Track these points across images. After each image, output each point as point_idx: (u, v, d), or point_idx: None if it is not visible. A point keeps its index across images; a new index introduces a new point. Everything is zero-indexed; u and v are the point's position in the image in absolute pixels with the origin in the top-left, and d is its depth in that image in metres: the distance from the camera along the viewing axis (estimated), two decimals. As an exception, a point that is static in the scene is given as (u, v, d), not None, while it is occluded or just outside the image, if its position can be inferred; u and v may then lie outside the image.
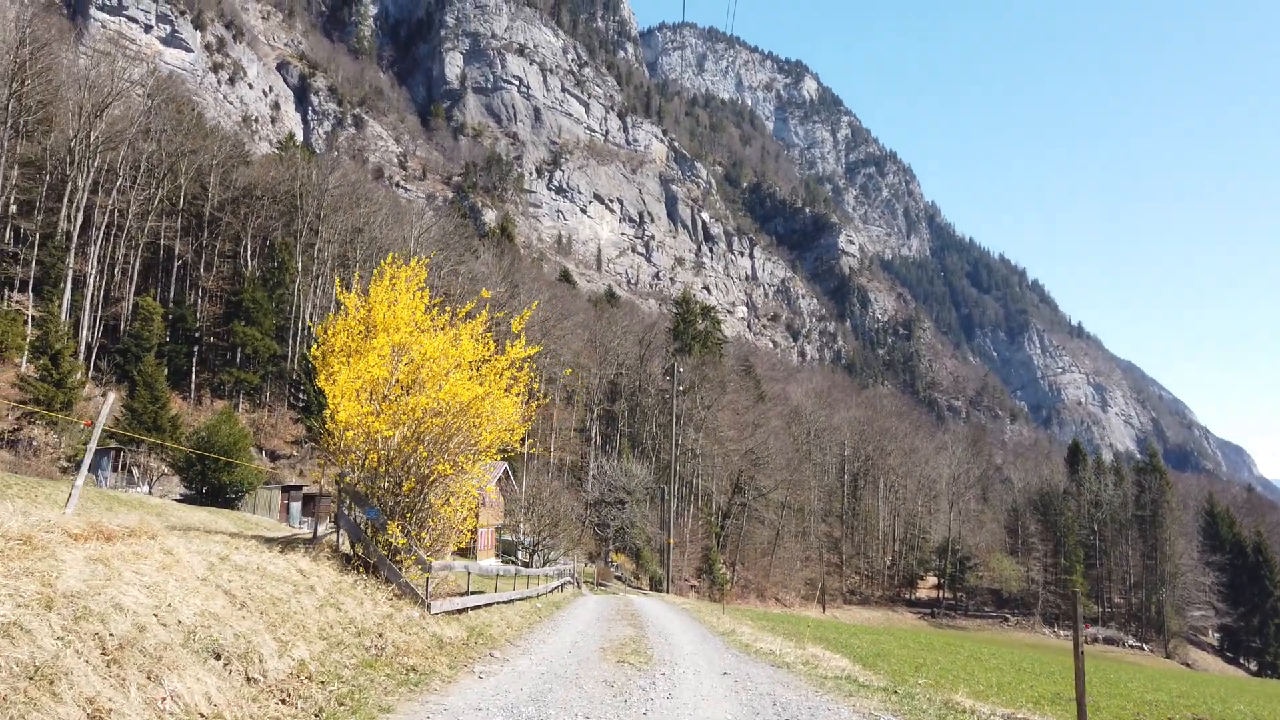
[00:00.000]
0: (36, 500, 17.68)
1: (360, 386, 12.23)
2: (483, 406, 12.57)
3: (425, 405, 12.26)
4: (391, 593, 11.35)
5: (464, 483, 13.17)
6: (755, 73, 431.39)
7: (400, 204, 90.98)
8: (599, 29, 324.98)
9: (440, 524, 13.04)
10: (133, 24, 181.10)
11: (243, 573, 8.02)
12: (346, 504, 13.05)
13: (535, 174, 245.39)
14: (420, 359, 12.85)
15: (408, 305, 13.38)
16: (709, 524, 74.93)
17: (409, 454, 12.45)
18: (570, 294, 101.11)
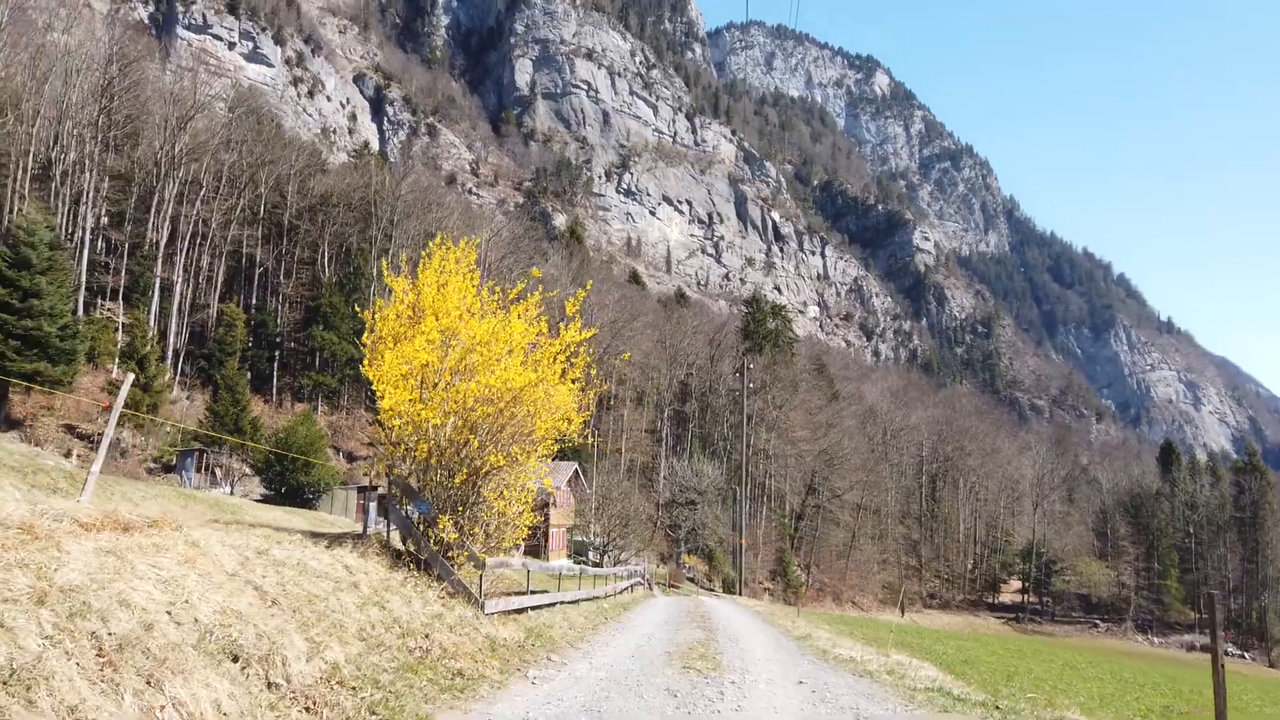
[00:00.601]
0: (110, 497, 17.81)
1: (406, 373, 11.73)
2: (535, 393, 11.98)
3: (475, 392, 11.70)
4: (443, 591, 10.89)
5: (519, 475, 12.62)
6: (825, 69, 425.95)
7: (471, 209, 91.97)
8: (666, 31, 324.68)
9: (495, 519, 12.53)
10: (217, 41, 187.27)
11: (280, 568, 7.67)
12: (397, 498, 12.62)
13: (604, 177, 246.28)
14: (470, 343, 12.23)
15: (457, 288, 12.71)
16: (782, 526, 73.67)
17: (460, 444, 11.91)
18: (639, 295, 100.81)
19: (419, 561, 11.47)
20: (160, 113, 65.84)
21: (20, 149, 58.25)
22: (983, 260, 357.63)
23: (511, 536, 13.09)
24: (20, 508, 5.35)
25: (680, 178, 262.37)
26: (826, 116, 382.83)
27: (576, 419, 13.26)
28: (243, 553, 7.39)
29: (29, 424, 41.64)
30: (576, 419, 13.26)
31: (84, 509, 6.09)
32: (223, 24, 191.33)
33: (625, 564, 40.46)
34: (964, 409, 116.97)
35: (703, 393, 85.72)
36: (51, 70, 60.88)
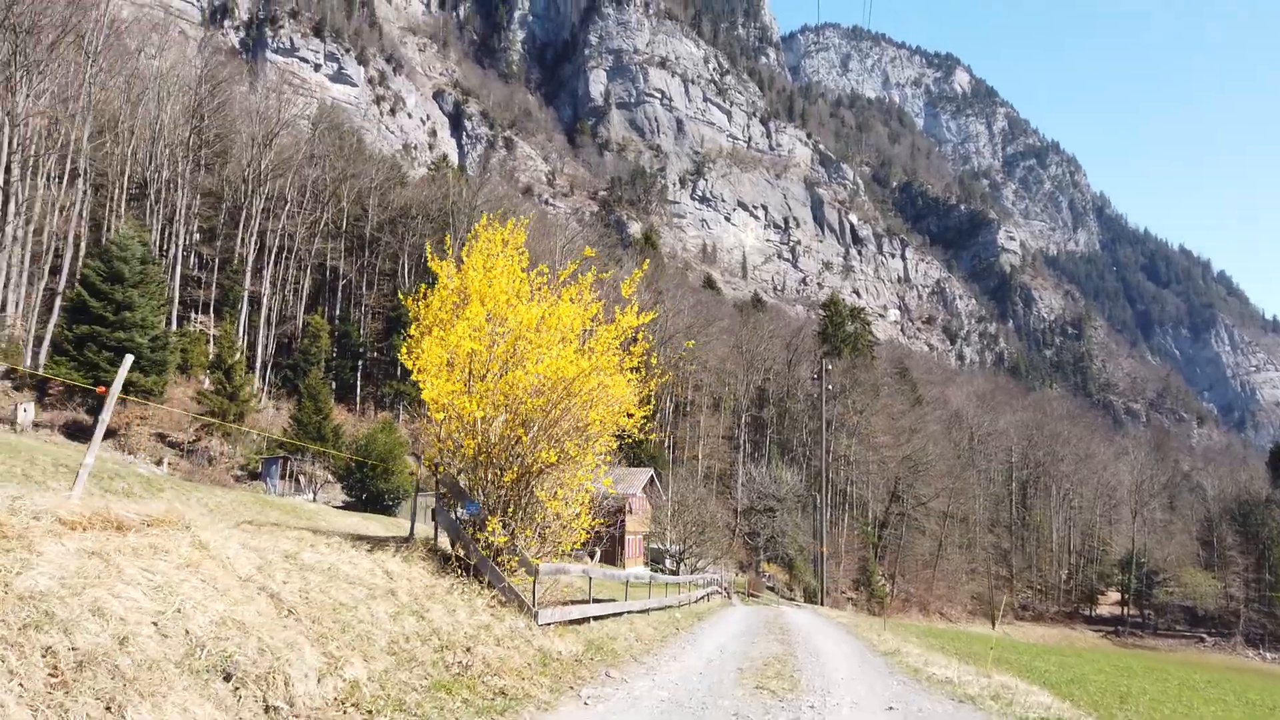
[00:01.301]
0: (186, 502, 17.81)
1: (448, 361, 11.02)
2: (589, 384, 11.08)
3: (524, 383, 10.90)
4: (493, 599, 10.21)
5: (575, 474, 11.75)
6: (903, 69, 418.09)
7: (546, 217, 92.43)
8: (740, 36, 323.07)
9: (550, 521, 11.78)
10: (304, 64, 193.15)
11: (306, 573, 7.15)
12: (445, 498, 11.91)
13: (678, 185, 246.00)
14: (518, 329, 11.40)
15: (505, 269, 11.79)
16: (865, 534, 71.65)
17: (510, 440, 11.09)
18: (714, 300, 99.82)
19: (468, 567, 10.83)
20: (247, 131, 67.86)
21: (117, 170, 60.63)
22: (1072, 259, 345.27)
23: (569, 540, 12.27)
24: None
25: (755, 183, 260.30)
26: (905, 116, 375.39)
27: (637, 412, 12.25)
28: (265, 556, 6.89)
29: (123, 433, 42.94)
30: (637, 412, 12.25)
31: (71, 506, 5.57)
32: (309, 46, 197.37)
33: (702, 572, 39.56)
34: (1055, 413, 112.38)
35: (780, 398, 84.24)
36: (145, 93, 63.27)
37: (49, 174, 51.72)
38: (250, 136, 66.70)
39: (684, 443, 76.53)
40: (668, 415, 76.32)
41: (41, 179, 50.54)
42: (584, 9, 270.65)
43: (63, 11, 45.95)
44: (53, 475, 14.41)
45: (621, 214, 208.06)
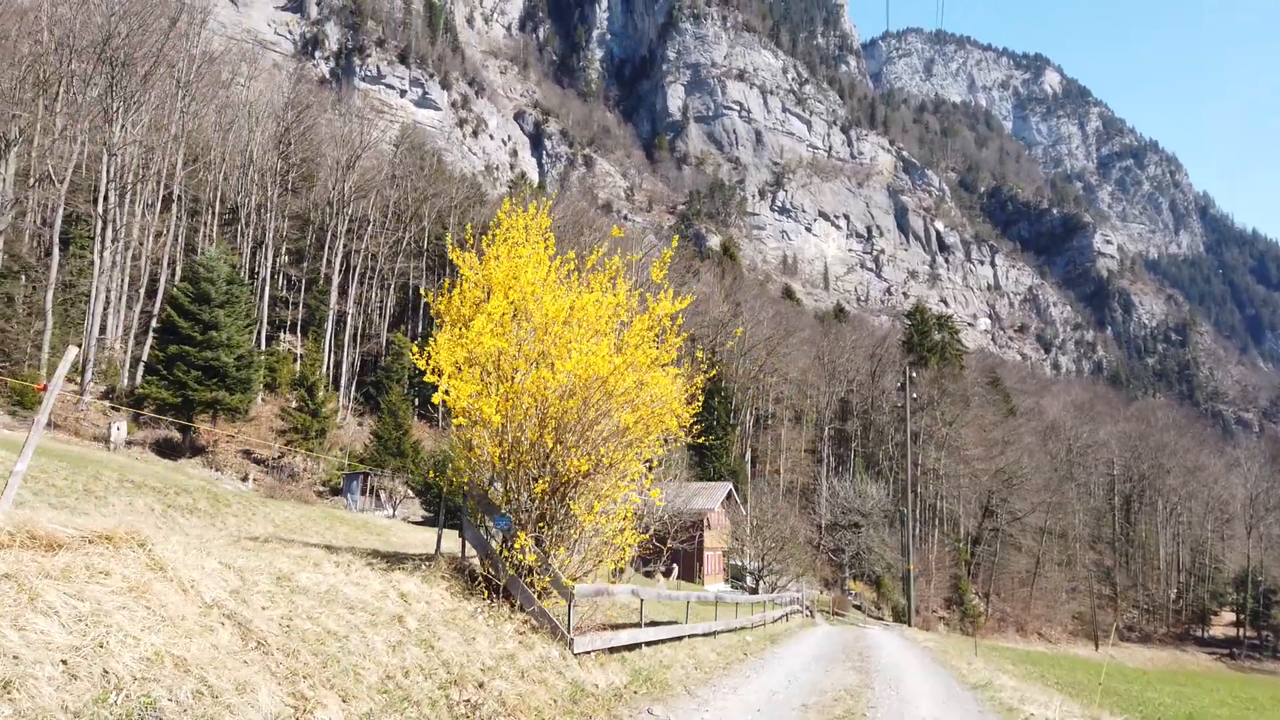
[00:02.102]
0: (252, 518, 17.67)
1: (465, 359, 10.12)
2: (622, 381, 10.04)
3: (552, 382, 9.91)
4: (523, 624, 9.33)
5: (614, 484, 10.69)
6: (989, 71, 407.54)
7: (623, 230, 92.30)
8: (819, 45, 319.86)
9: (589, 536, 10.74)
10: (390, 90, 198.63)
11: (297, 597, 6.50)
12: (472, 511, 10.98)
13: (758, 196, 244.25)
14: (544, 322, 10.41)
15: (532, 258, 10.75)
16: (957, 550, 68.91)
17: (540, 447, 10.12)
18: (794, 311, 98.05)
19: (497, 588, 9.96)
20: (332, 155, 69.64)
21: (209, 196, 62.86)
22: (1174, 263, 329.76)
23: (613, 557, 11.18)
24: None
25: (836, 192, 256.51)
26: (992, 120, 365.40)
27: (685, 411, 11.11)
28: (248, 578, 6.27)
29: (211, 450, 44.02)
30: (685, 411, 11.11)
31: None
32: (394, 74, 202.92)
33: (785, 589, 38.28)
34: (1159, 423, 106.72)
35: (864, 410, 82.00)
36: (235, 121, 65.54)
37: (145, 201, 53.77)
38: (335, 160, 68.41)
39: (764, 456, 75.06)
40: (748, 428, 75.02)
41: (139, 206, 52.58)
42: (661, 25, 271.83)
43: (155, 45, 47.70)
44: (114, 491, 14.40)
45: (700, 227, 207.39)
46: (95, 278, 45.79)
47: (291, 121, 66.51)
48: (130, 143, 48.15)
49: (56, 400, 34.53)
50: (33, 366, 41.79)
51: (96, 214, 46.78)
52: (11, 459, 14.20)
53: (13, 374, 40.72)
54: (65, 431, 38.49)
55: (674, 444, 11.75)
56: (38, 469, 13.78)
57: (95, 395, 46.00)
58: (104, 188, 46.17)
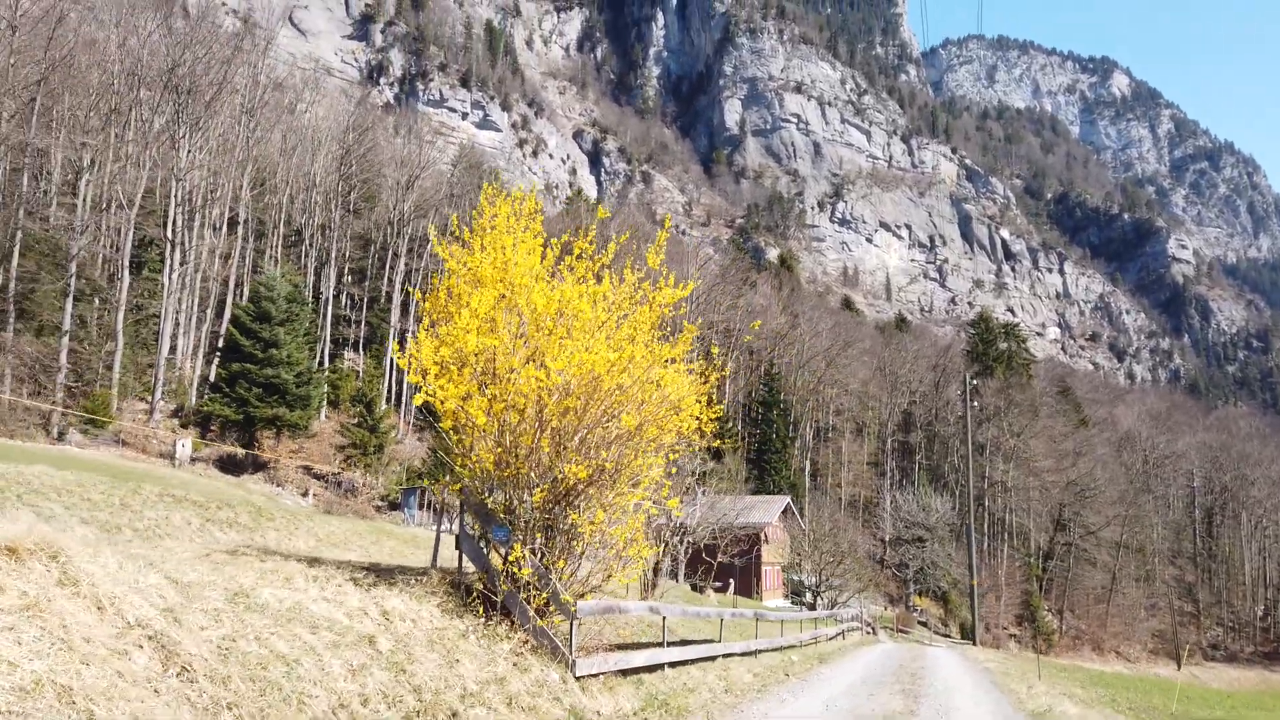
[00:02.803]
0: (294, 532, 17.76)
1: (449, 358, 9.34)
2: (619, 379, 9.21)
3: (545, 382, 9.13)
4: (522, 644, 8.62)
5: (621, 491, 9.92)
6: (1054, 76, 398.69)
7: (679, 244, 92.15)
8: (878, 55, 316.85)
9: (596, 548, 9.97)
10: (452, 113, 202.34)
11: (250, 615, 6.03)
12: (470, 522, 10.25)
13: (817, 208, 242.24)
14: (533, 317, 9.59)
15: (523, 247, 9.95)
16: (1028, 565, 66.72)
17: (536, 452, 9.38)
18: (854, 322, 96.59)
19: (494, 605, 9.24)
20: (393, 176, 70.98)
21: (274, 217, 64.51)
22: (1254, 267, 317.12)
23: (625, 572, 10.22)
24: None
25: (898, 202, 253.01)
26: (1058, 125, 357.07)
27: (705, 414, 10.19)
28: (194, 594, 5.84)
29: (273, 466, 44.85)
30: (705, 414, 10.19)
31: None
32: (456, 97, 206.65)
33: (845, 606, 37.38)
34: (1242, 433, 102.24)
35: (928, 421, 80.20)
36: (298, 144, 67.25)
37: (212, 224, 55.36)
38: (395, 181, 69.67)
39: (825, 469, 73.84)
40: (808, 441, 73.94)
41: (206, 229, 54.15)
42: (718, 41, 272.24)
43: (219, 72, 49.19)
44: (152, 505, 14.58)
45: (759, 240, 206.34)
46: (164, 299, 47.20)
47: (353, 144, 67.95)
48: (196, 167, 49.62)
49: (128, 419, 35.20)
50: (104, 386, 43.13)
51: (165, 237, 48.26)
52: (50, 474, 14.46)
53: (85, 393, 42.10)
54: (134, 449, 39.60)
55: (691, 449, 10.99)
56: (75, 483, 14.02)
57: (165, 414, 47.32)
58: (171, 212, 47.63)
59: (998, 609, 57.38)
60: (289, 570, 8.23)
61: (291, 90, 71.03)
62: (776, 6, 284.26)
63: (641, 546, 10.00)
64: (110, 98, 44.07)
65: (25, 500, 11.94)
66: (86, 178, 43.57)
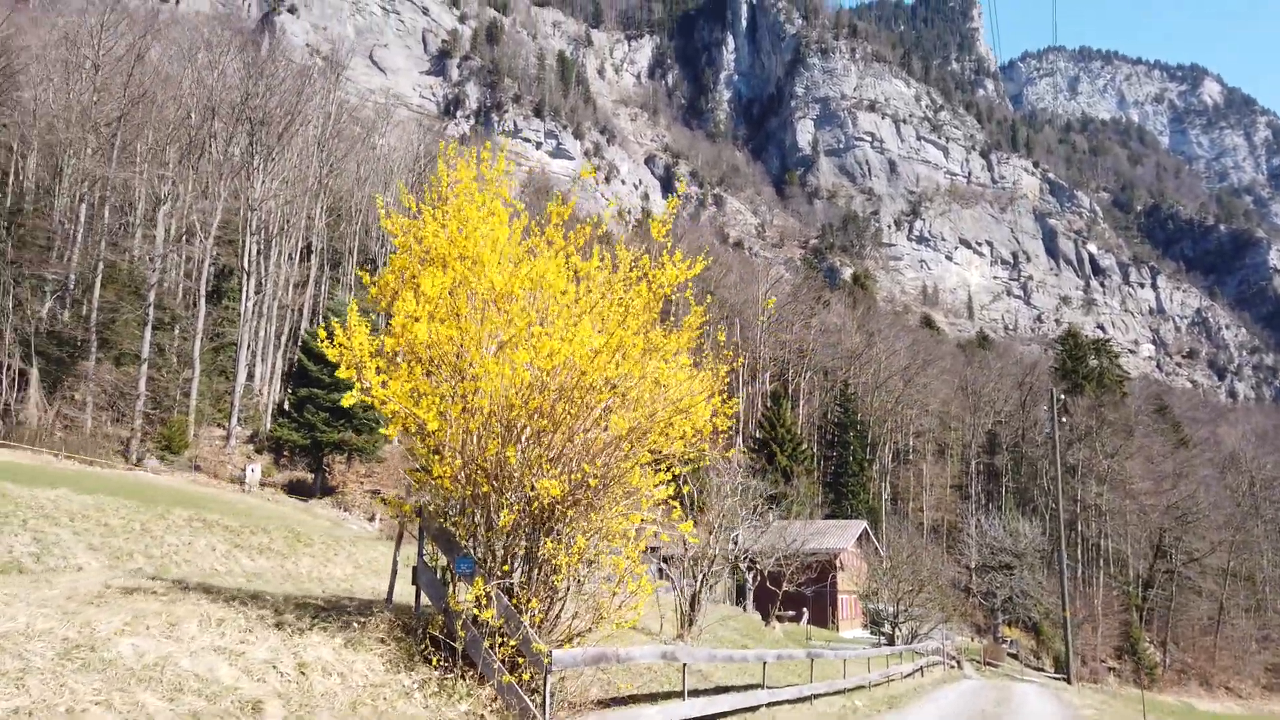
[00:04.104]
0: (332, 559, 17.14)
1: (399, 349, 7.98)
2: (608, 370, 7.67)
3: (511, 378, 7.64)
4: (490, 703, 7.10)
5: (606, 513, 8.25)
6: (1140, 85, 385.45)
7: (750, 264, 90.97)
8: (954, 71, 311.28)
9: (581, 581, 8.25)
10: (526, 143, 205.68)
11: (81, 676, 4.98)
12: (429, 550, 8.66)
13: (893, 226, 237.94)
14: (491, 297, 8.05)
15: (486, 214, 8.40)
16: (1126, 594, 62.95)
17: (500, 463, 7.78)
18: (933, 340, 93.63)
19: (455, 652, 7.70)
20: (462, 202, 71.68)
21: (348, 245, 65.65)
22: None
23: (620, 612, 8.35)
24: None
25: (978, 218, 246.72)
26: (1146, 135, 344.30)
27: (722, 410, 8.67)
28: (14, 647, 4.89)
29: (340, 490, 45.05)
30: (722, 410, 8.67)
31: None
32: (530, 127, 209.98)
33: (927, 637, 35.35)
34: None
35: (1014, 443, 76.84)
36: (371, 174, 68.49)
37: (287, 252, 56.47)
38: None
39: (906, 493, 71.28)
40: (886, 464, 71.51)
41: (281, 257, 55.24)
42: (788, 62, 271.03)
43: (290, 103, 50.24)
44: (175, 531, 14.11)
45: (834, 260, 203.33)
46: (240, 327, 48.08)
47: (424, 171, 68.87)
48: (271, 197, 50.64)
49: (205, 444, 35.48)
50: (181, 413, 43.99)
51: (241, 267, 49.28)
52: (70, 498, 14.05)
53: (163, 420, 42.95)
54: (207, 474, 40.14)
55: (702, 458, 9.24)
56: (93, 507, 13.63)
57: (241, 439, 48.06)
58: (246, 241, 48.61)
59: (1095, 640, 54.06)
60: (187, 611, 7.04)
61: (364, 123, 72.50)
62: (848, 26, 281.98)
63: (648, 585, 8.29)
64: (186, 130, 45.27)
65: (30, 525, 11.53)
66: (164, 209, 44.76)
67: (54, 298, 41.40)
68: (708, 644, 17.12)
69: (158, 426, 42.03)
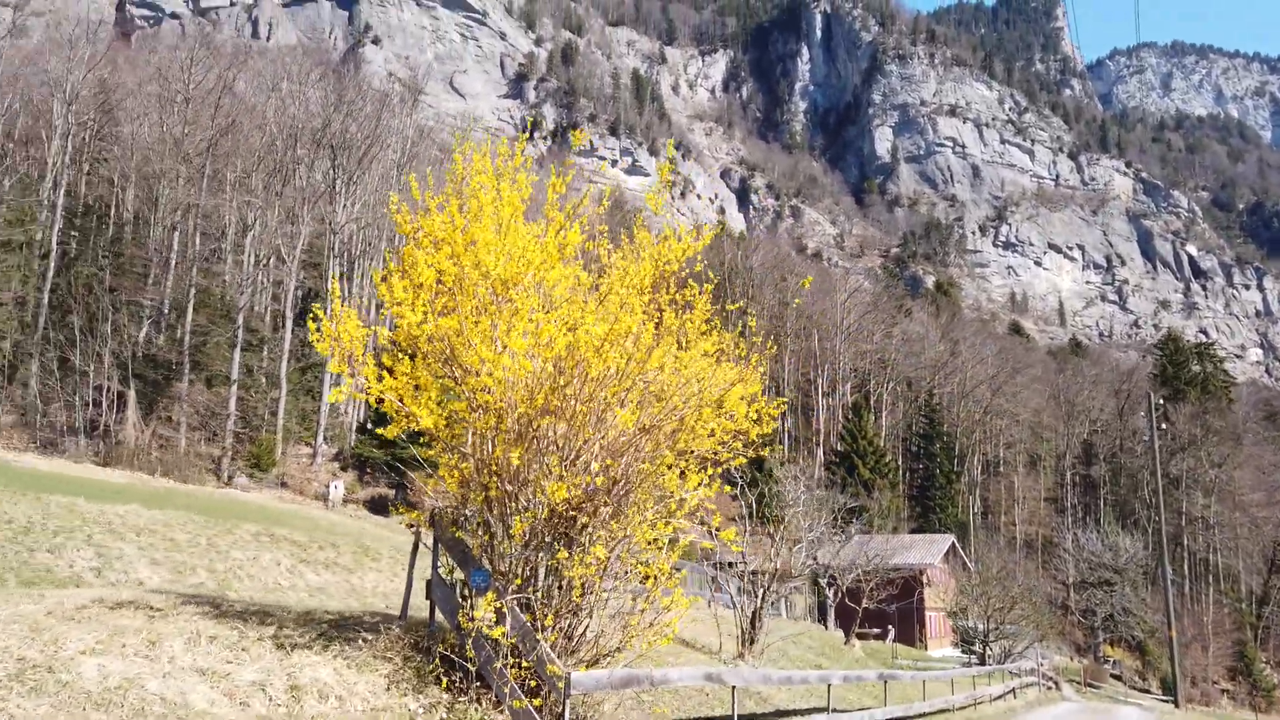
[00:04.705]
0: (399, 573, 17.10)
1: (401, 343, 7.51)
2: (611, 358, 6.95)
3: (513, 370, 7.04)
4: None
5: (629, 522, 7.46)
6: (1239, 79, 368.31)
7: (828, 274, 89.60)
8: (1038, 72, 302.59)
9: (605, 596, 7.49)
10: (601, 161, 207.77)
11: (22, 702, 4.59)
12: (443, 561, 8.13)
13: (978, 233, 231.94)
14: (481, 280, 7.43)
15: (508, 199, 7.80)
16: (1238, 612, 59.43)
17: (508, 467, 7.13)
18: (1022, 347, 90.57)
19: (470, 674, 7.07)
20: (542, 223, 72.71)
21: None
22: None
23: (649, 633, 7.52)
24: None
25: (1067, 221, 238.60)
26: (1247, 131, 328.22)
27: (756, 413, 7.81)
28: None
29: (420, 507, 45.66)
30: (756, 413, 7.81)
31: None
32: (605, 145, 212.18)
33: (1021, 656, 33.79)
34: None
35: (1111, 453, 73.53)
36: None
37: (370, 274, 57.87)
38: (542, 226, 71.22)
39: (997, 507, 68.84)
40: (975, 477, 69.20)
41: (366, 279, 56.60)
42: (865, 70, 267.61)
43: (370, 128, 51.55)
44: (241, 546, 14.27)
45: (916, 269, 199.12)
46: (324, 347, 49.33)
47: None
48: (352, 220, 51.96)
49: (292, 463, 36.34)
50: (269, 431, 45.25)
51: (324, 289, 50.65)
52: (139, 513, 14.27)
53: (252, 439, 44.25)
54: (293, 491, 41.14)
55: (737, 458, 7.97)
56: (161, 523, 13.85)
57: (327, 457, 49.21)
58: (330, 264, 49.94)
59: (1205, 661, 51.13)
60: (177, 628, 6.63)
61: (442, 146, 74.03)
62: (926, 31, 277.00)
63: (683, 601, 7.52)
64: (271, 158, 46.81)
65: (94, 540, 11.76)
66: (252, 234, 46.34)
67: (149, 322, 43.15)
68: (772, 664, 16.48)
69: (247, 445, 43.32)
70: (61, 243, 44.90)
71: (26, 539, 10.99)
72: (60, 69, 43.71)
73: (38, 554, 10.69)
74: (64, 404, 38.50)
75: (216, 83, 43.56)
